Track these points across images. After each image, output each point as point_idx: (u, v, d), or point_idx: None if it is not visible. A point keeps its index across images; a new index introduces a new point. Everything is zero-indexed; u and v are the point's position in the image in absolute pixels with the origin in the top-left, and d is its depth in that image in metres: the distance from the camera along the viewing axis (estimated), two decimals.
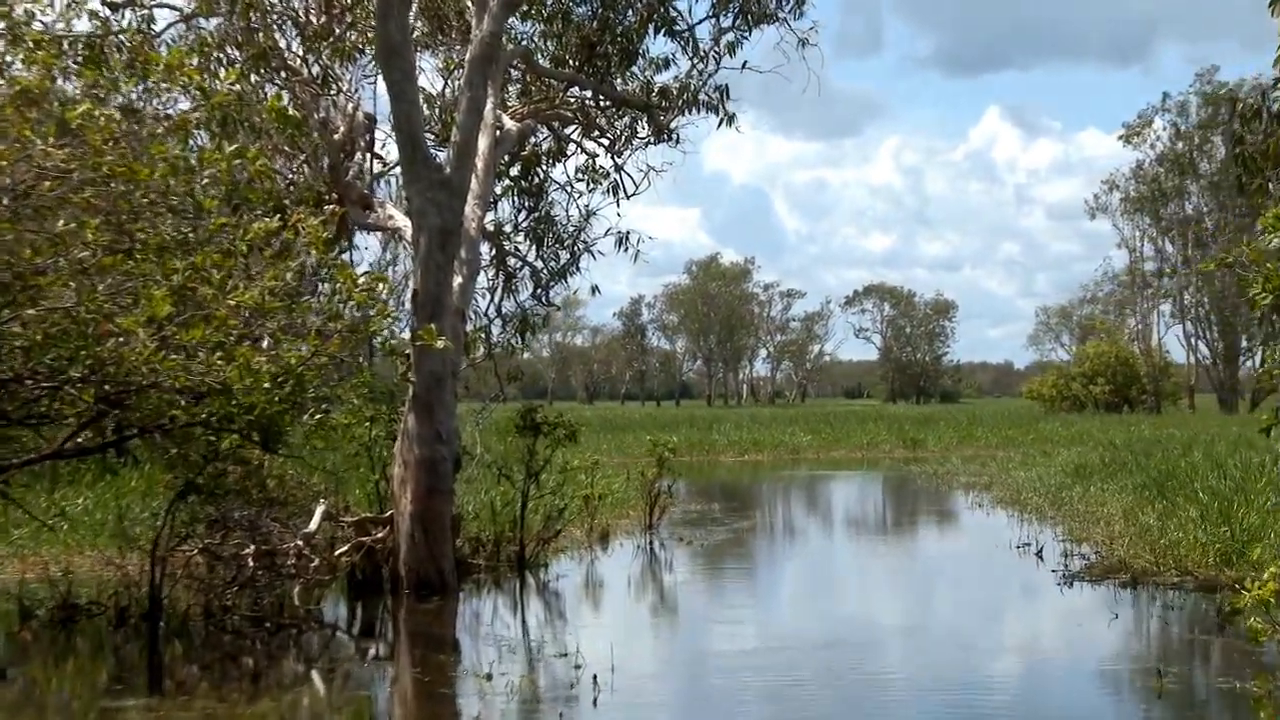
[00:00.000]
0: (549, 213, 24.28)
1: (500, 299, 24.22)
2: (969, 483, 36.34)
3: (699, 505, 31.48)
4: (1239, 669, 12.89)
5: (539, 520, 21.80)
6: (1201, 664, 13.90)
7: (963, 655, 14.96)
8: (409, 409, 18.02)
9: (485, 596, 19.22)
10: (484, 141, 19.41)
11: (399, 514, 18.14)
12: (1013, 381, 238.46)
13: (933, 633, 16.50)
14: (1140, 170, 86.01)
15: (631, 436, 54.86)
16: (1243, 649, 13.64)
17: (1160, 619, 16.02)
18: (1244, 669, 12.83)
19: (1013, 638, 16.30)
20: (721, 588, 20.62)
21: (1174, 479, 26.05)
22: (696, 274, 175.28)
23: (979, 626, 17.00)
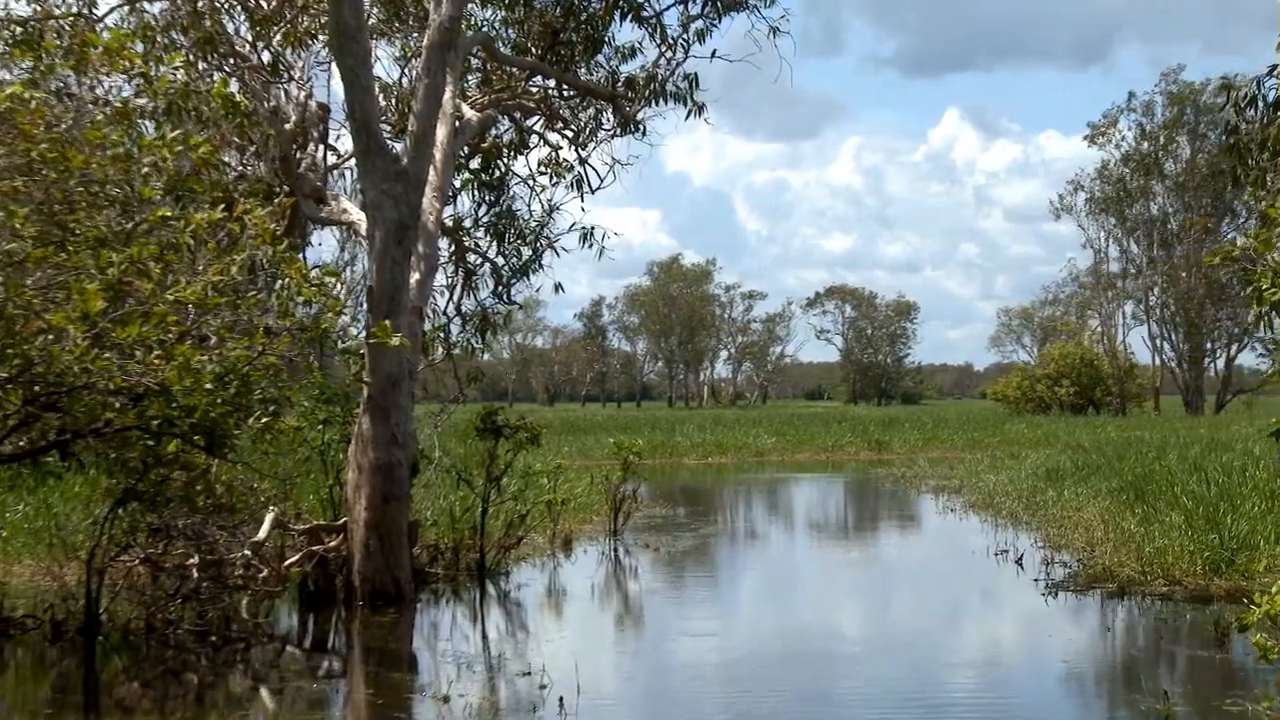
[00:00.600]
0: (510, 207, 23.34)
1: (460, 297, 23.32)
2: (939, 486, 35.66)
3: (663, 510, 30.71)
4: (1246, 688, 12.17)
5: (500, 527, 21.01)
6: (1205, 683, 13.11)
7: (949, 671, 14.21)
8: (363, 411, 17.18)
9: (444, 607, 18.39)
10: (442, 131, 18.57)
11: (353, 521, 17.30)
12: (973, 383, 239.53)
13: (916, 647, 15.66)
14: (1105, 170, 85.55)
15: (593, 439, 54.28)
16: (1247, 666, 12.97)
17: (1155, 633, 15.20)
18: (1251, 687, 12.10)
19: (1000, 654, 15.44)
20: (689, 598, 19.77)
21: (1152, 483, 25.40)
22: (658, 275, 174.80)
23: (963, 640, 16.23)
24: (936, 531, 27.31)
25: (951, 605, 19.06)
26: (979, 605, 18.98)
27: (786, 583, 21.83)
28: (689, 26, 21.58)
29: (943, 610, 18.60)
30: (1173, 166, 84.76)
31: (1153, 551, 18.51)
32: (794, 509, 34.46)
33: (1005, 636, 16.47)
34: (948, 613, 18.40)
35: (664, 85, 21.59)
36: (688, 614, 18.29)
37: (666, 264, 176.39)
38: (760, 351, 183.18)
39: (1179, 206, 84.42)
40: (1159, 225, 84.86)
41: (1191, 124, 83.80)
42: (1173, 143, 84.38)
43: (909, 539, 27.33)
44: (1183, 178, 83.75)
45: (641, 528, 26.46)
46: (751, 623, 17.80)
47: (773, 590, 20.96)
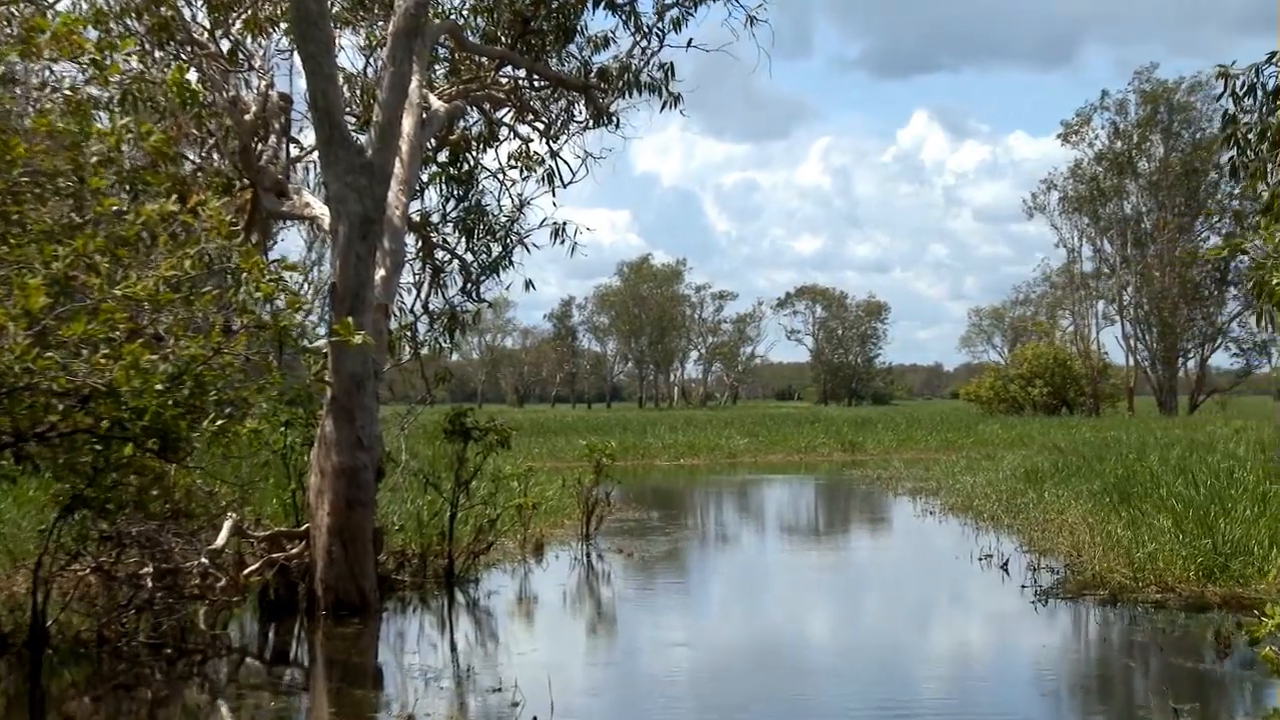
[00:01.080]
0: (479, 202, 22.53)
1: (427, 295, 22.53)
2: (915, 488, 35.07)
3: (636, 513, 30.07)
4: (1256, 703, 11.59)
5: (469, 532, 20.35)
6: (1211, 698, 12.52)
7: (938, 686, 13.56)
8: (327, 413, 16.50)
9: (410, 616, 17.69)
10: (409, 122, 17.88)
11: (315, 528, 16.61)
12: (942, 383, 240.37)
13: (903, 659, 15.02)
14: (1079, 169, 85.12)
15: (564, 440, 53.81)
16: (1253, 679, 12.41)
17: (1154, 644, 14.46)
18: (1260, 703, 11.53)
19: (993, 668, 14.66)
20: (664, 605, 19.10)
21: (1135, 485, 24.89)
22: (628, 275, 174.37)
23: (951, 653, 15.49)
24: (916, 535, 26.68)
25: (937, 614, 18.38)
26: (966, 614, 18.27)
27: (764, 590, 21.15)
28: (664, 15, 20.87)
29: (928, 620, 17.92)
30: (1146, 165, 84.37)
31: (1144, 557, 17.91)
32: (769, 512, 33.78)
33: (997, 648, 15.68)
34: (934, 623, 17.72)
35: (638, 76, 20.91)
36: (663, 623, 17.65)
37: (636, 264, 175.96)
38: (731, 352, 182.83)
39: (1153, 205, 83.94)
40: (1132, 224, 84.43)
41: (1165, 122, 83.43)
42: (1146, 141, 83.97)
43: (889, 543, 26.70)
44: (1156, 176, 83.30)
45: (614, 532, 25.82)
46: (729, 633, 17.07)
47: (750, 598, 20.24)
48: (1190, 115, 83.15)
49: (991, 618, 17.52)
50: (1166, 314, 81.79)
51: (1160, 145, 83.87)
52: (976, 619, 17.81)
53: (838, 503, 35.26)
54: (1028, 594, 17.62)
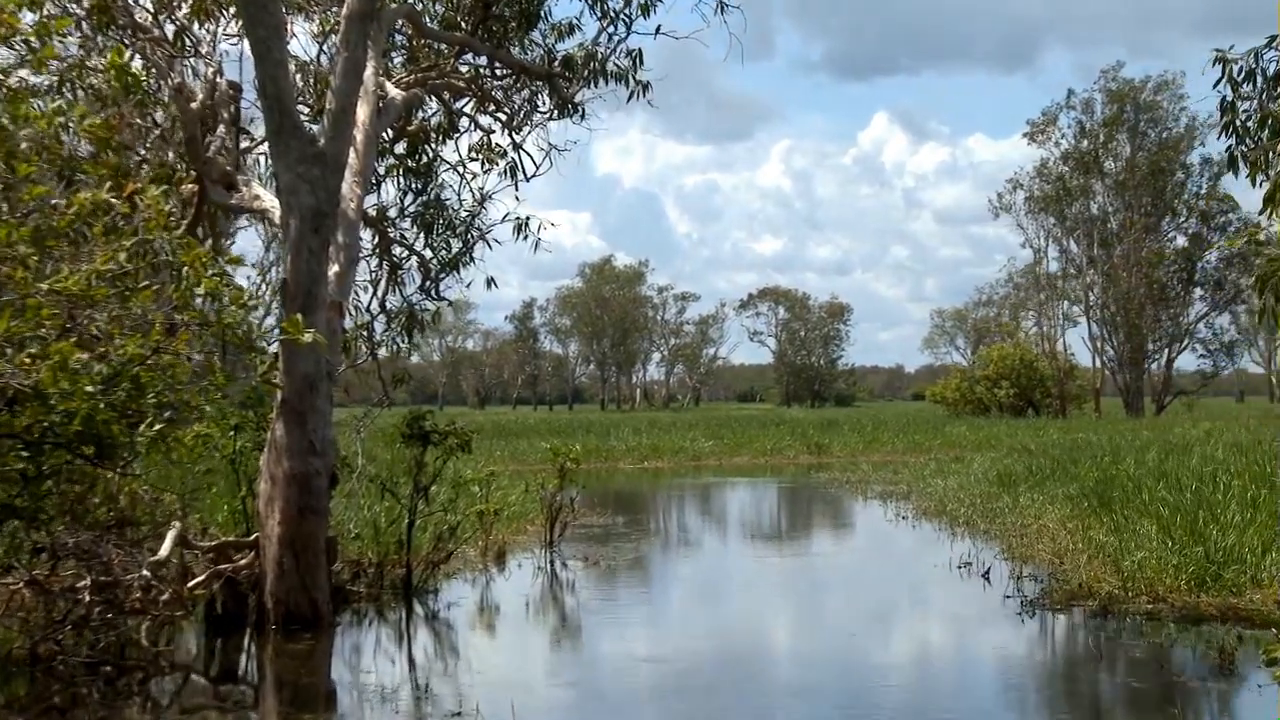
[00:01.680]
0: (439, 196, 21.57)
1: (384, 293, 21.55)
2: (885, 492, 34.33)
3: (601, 518, 29.25)
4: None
5: (428, 540, 19.52)
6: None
7: (928, 705, 12.80)
8: (277, 416, 15.64)
9: (366, 630, 16.82)
10: (364, 111, 17.03)
11: (265, 537, 15.75)
12: (903, 384, 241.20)
13: (885, 678, 14.17)
14: (1045, 169, 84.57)
15: (526, 443, 53.09)
16: (1261, 699, 11.67)
17: (1153, 660, 13.62)
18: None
19: (987, 688, 13.68)
20: (632, 618, 18.23)
21: (1115, 489, 24.26)
22: (590, 277, 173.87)
23: (939, 671, 14.64)
24: (890, 542, 25.83)
25: (918, 629, 17.46)
26: (950, 628, 17.27)
27: (733, 601, 20.24)
28: (632, 0, 20.03)
29: (909, 635, 16.97)
30: (1112, 165, 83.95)
31: (1133, 566, 17.19)
32: (737, 517, 32.90)
33: (988, 666, 14.59)
34: (915, 638, 16.76)
35: (604, 64, 20.02)
36: (630, 635, 16.86)
37: (599, 265, 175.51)
38: (693, 354, 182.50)
39: (1119, 205, 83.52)
40: (1099, 224, 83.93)
41: (1131, 122, 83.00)
42: (1112, 141, 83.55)
43: (862, 550, 25.77)
44: (1123, 176, 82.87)
45: (579, 538, 25.02)
46: (699, 647, 16.15)
47: (720, 610, 19.27)
48: (1157, 114, 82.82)
49: (977, 631, 16.56)
50: (1133, 315, 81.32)
51: (1127, 145, 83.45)
52: (961, 633, 16.82)
53: (807, 507, 34.35)
54: (1012, 604, 16.85)
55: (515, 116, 21.27)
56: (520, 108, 21.28)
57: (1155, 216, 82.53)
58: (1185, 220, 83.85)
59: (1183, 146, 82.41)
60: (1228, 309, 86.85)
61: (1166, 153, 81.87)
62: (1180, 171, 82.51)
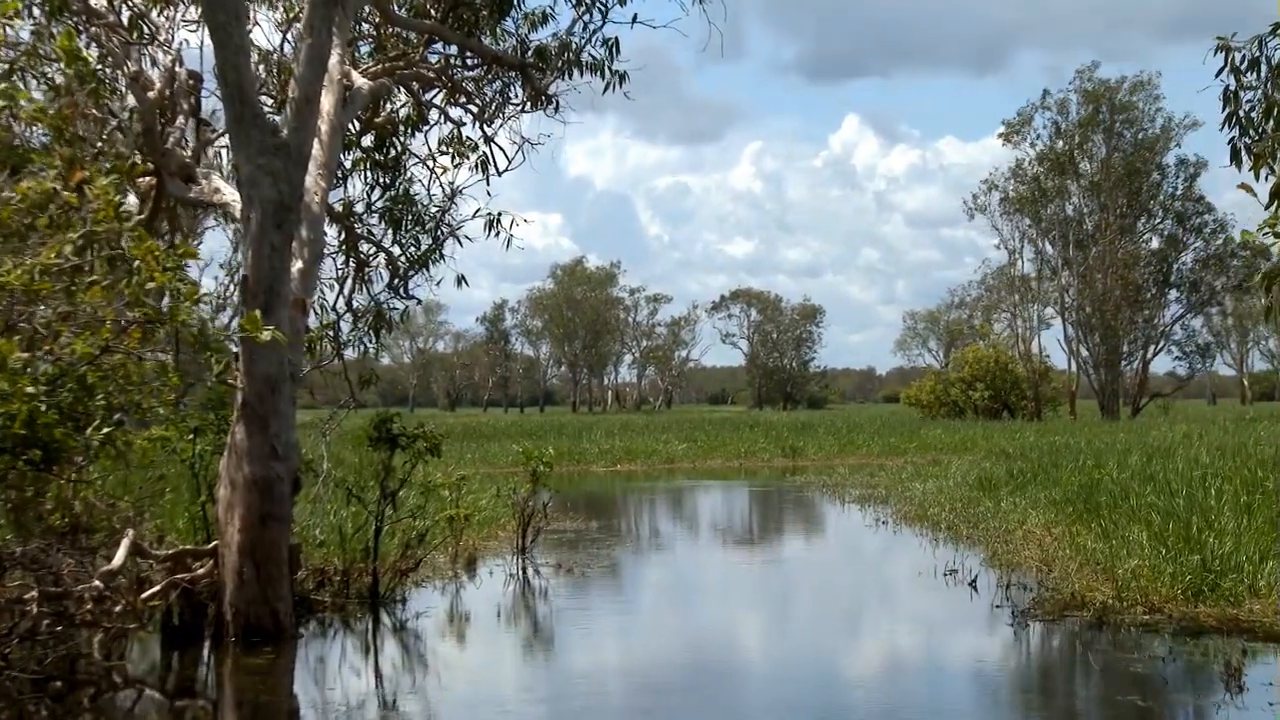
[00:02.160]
0: (407, 191, 20.78)
1: (351, 291, 20.77)
2: (864, 496, 33.68)
3: (574, 523, 28.58)
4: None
5: (396, 547, 18.82)
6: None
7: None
8: (238, 419, 14.93)
9: (331, 642, 16.12)
10: (328, 100, 16.34)
11: (225, 545, 15.05)
12: (875, 387, 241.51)
13: (878, 693, 13.54)
14: (1020, 170, 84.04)
15: (497, 445, 52.58)
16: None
17: (1156, 675, 12.89)
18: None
19: (983, 707, 12.86)
20: (606, 629, 17.50)
21: (1100, 494, 23.73)
22: (561, 278, 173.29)
23: (931, 687, 13.83)
24: (872, 548, 25.19)
25: (908, 640, 16.63)
26: (941, 641, 16.47)
27: (713, 611, 19.50)
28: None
29: (899, 647, 16.12)
30: (1088, 166, 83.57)
31: (1127, 574, 16.58)
32: (713, 522, 32.15)
33: (981, 681, 13.77)
34: (905, 651, 15.88)
35: (579, 54, 19.31)
36: (606, 648, 16.24)
37: (570, 267, 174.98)
38: (665, 356, 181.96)
39: (1094, 207, 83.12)
40: (1074, 226, 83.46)
41: (1107, 122, 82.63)
42: (1088, 141, 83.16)
43: (843, 557, 25.14)
44: (1098, 177, 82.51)
45: (551, 544, 24.35)
46: (679, 660, 15.48)
47: (697, 621, 18.53)
48: (1132, 115, 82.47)
49: (968, 644, 15.82)
50: (1108, 316, 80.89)
51: (1102, 145, 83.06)
52: (951, 646, 16.04)
53: (784, 512, 33.55)
54: (1002, 615, 16.22)
55: (487, 109, 20.48)
56: (492, 100, 20.47)
57: (1130, 218, 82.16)
58: (1160, 222, 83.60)
59: (1158, 147, 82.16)
60: (1203, 311, 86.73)
61: (1142, 154, 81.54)
62: (1156, 173, 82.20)
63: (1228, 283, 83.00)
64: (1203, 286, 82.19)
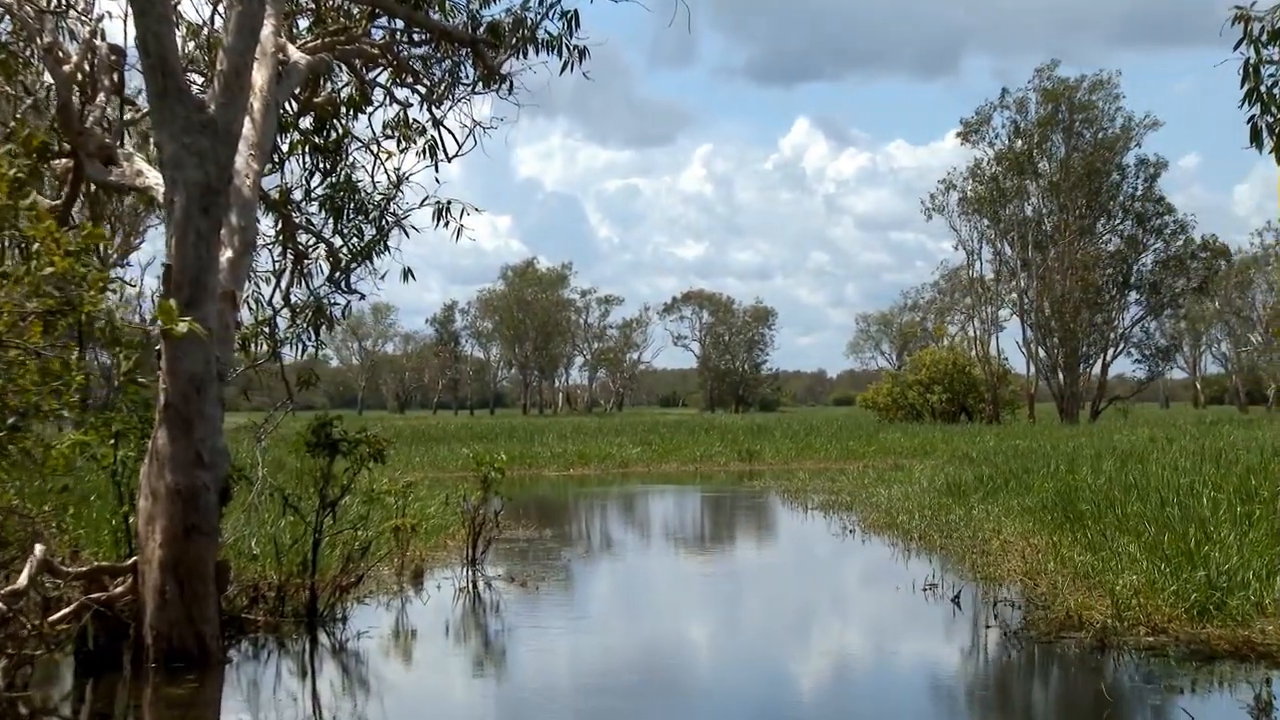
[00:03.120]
0: (350, 177, 19.25)
1: (289, 284, 19.33)
2: (827, 502, 32.47)
3: (526, 531, 27.28)
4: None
5: (337, 560, 17.48)
6: None
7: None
8: (160, 422, 13.55)
9: (263, 665, 14.75)
10: (261, 75, 14.97)
11: (145, 561, 13.67)
12: (825, 390, 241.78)
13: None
14: (978, 169, 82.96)
15: (446, 449, 51.46)
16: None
17: (1176, 710, 11.61)
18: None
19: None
20: (564, 648, 16.15)
21: (1083, 502, 22.62)
22: (512, 279, 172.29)
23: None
24: (841, 559, 23.91)
25: (894, 667, 15.10)
26: (931, 668, 14.70)
27: (677, 630, 18.04)
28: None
29: (884, 676, 14.59)
30: (1047, 166, 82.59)
31: (1127, 591, 15.38)
32: (672, 530, 30.68)
33: (992, 716, 12.87)
34: (891, 680, 14.35)
35: (535, 30, 17.94)
36: (562, 669, 14.96)
37: (521, 268, 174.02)
38: (616, 358, 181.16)
39: (1053, 207, 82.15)
40: (1033, 226, 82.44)
41: (1066, 121, 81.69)
42: (1047, 141, 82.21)
43: (813, 570, 23.80)
44: (1057, 177, 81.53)
45: (503, 554, 23.08)
46: (642, 686, 14.16)
47: (661, 640, 17.05)
48: (1091, 115, 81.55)
49: (962, 672, 14.36)
50: (1068, 318, 79.90)
51: (1061, 145, 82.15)
52: (943, 674, 14.36)
53: (746, 520, 32.13)
54: (994, 635, 15.02)
55: (435, 90, 19.01)
56: (441, 80, 18.97)
57: (1090, 218, 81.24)
58: (1120, 223, 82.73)
59: (1118, 147, 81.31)
60: (1163, 313, 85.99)
61: (1102, 153, 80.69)
62: (1116, 173, 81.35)
63: (1188, 284, 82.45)
64: (1163, 288, 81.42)
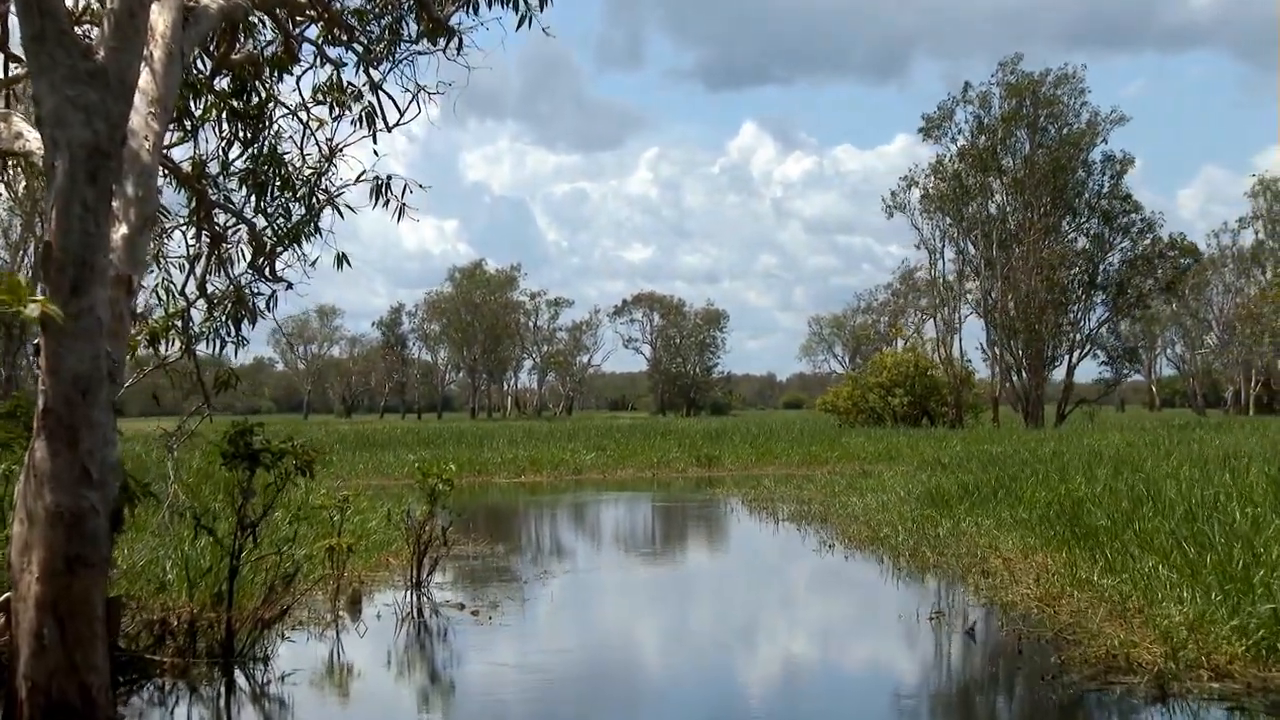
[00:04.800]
0: (275, 148, 16.71)
1: (204, 271, 16.78)
2: (798, 513, 30.23)
3: (477, 546, 25.01)
4: None
5: (260, 589, 15.15)
6: None
7: None
8: (37, 432, 11.18)
9: (167, 716, 12.46)
10: (163, 17, 12.62)
11: (19, 598, 11.30)
12: (775, 393, 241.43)
13: None
14: (940, 166, 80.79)
15: (391, 455, 49.38)
16: None
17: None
18: None
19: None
20: (521, 692, 13.88)
21: (1097, 517, 20.59)
22: (460, 281, 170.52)
23: None
24: (826, 582, 21.38)
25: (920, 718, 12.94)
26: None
27: (656, 670, 15.65)
28: None
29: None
30: (1011, 162, 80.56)
31: (1179, 624, 13.24)
32: (635, 546, 27.65)
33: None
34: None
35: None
36: (518, 717, 12.71)
37: (469, 270, 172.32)
38: (566, 361, 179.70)
39: (1018, 205, 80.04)
40: (997, 224, 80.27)
41: (1030, 116, 79.67)
42: (1011, 136, 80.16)
43: (798, 595, 21.14)
44: (1021, 173, 79.43)
45: (452, 574, 20.89)
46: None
47: (641, 684, 14.76)
48: (1056, 109, 79.58)
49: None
50: (1033, 319, 77.81)
51: (1026, 141, 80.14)
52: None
53: (714, 534, 29.40)
54: (1028, 678, 12.85)
55: (373, 48, 16.57)
56: (380, 36, 16.57)
57: (1055, 216, 79.15)
58: (1086, 221, 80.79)
59: (1084, 143, 79.30)
60: (1130, 314, 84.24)
61: (1067, 149, 78.72)
62: (1081, 170, 79.36)
63: (1156, 284, 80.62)
64: (1130, 288, 79.46)
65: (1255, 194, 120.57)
